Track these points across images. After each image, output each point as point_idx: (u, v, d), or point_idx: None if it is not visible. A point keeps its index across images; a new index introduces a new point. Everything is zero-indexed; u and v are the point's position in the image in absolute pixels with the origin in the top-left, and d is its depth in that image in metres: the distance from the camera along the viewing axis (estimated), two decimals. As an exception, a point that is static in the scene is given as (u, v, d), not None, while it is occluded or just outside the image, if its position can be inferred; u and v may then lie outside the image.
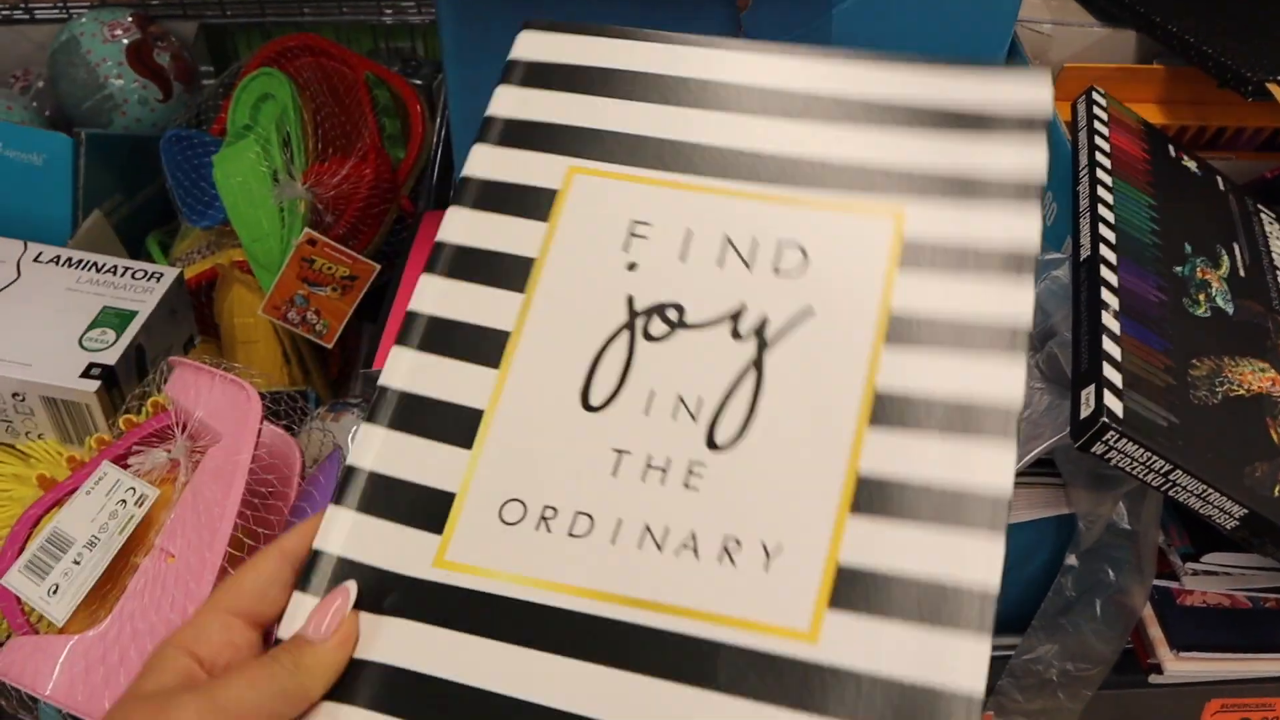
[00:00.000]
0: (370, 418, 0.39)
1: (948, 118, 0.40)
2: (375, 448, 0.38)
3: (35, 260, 0.83)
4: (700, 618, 0.33)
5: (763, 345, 0.37)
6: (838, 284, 0.38)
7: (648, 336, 0.38)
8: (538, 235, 0.41)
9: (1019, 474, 0.56)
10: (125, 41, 1.10)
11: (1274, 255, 0.65)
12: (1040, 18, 0.78)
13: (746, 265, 0.39)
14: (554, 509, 0.36)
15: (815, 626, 0.32)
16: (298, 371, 0.98)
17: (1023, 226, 0.37)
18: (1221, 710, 0.64)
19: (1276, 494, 0.49)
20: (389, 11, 1.26)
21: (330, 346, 0.91)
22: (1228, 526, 0.49)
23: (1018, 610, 0.61)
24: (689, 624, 0.33)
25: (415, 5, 1.27)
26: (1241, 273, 0.61)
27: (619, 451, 0.37)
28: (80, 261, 0.83)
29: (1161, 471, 0.48)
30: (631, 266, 0.40)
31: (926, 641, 0.32)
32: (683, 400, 0.37)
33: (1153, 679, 0.58)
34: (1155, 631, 0.57)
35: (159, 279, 0.83)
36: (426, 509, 0.37)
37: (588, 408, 0.38)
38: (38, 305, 0.79)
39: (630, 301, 0.39)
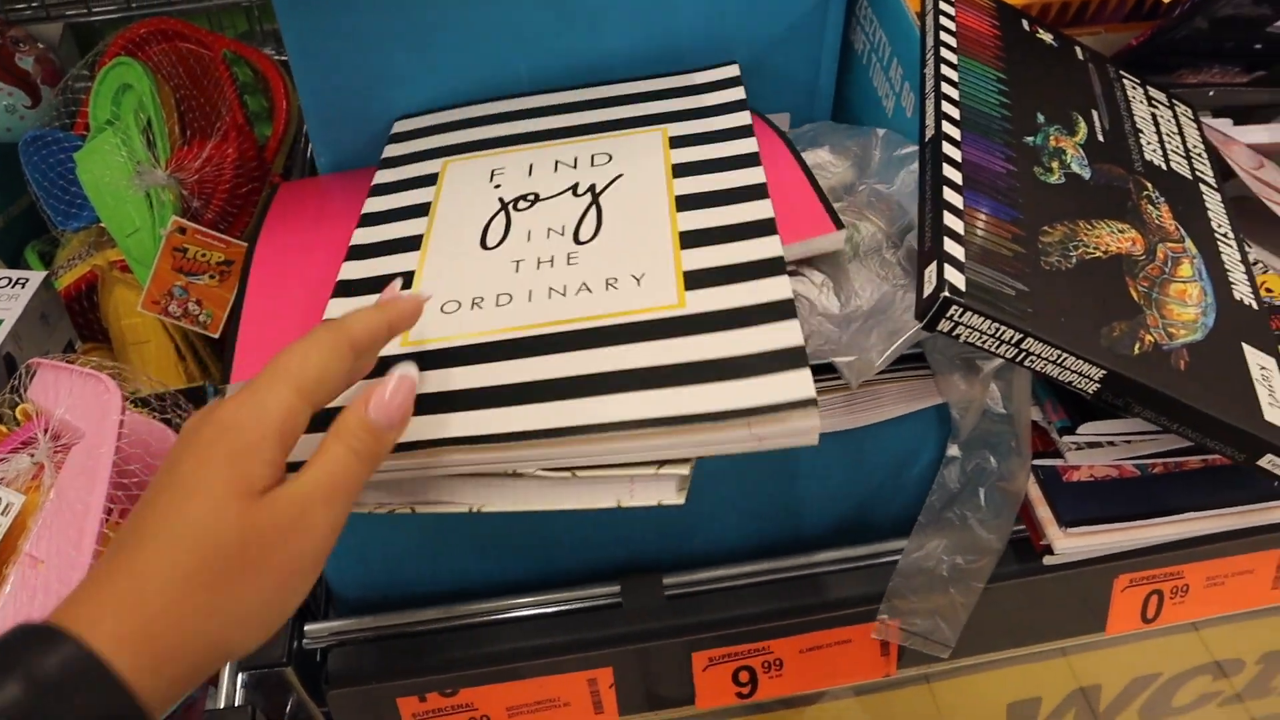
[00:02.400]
0: (334, 295, 0.56)
1: (673, 90, 0.68)
2: (341, 307, 0.55)
3: (-113, 276, 0.80)
4: (606, 317, 0.50)
5: (595, 195, 0.59)
6: (638, 161, 0.61)
7: (516, 209, 0.59)
8: (430, 193, 0.63)
9: (889, 370, 0.54)
10: (-19, 49, 1.06)
11: (1136, 119, 0.63)
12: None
13: (573, 167, 0.62)
14: (480, 297, 0.53)
15: (681, 299, 0.51)
16: (194, 367, 0.95)
17: (741, 134, 0.62)
18: (1130, 585, 0.63)
19: (1136, 352, 0.48)
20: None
21: (217, 335, 0.88)
22: (1089, 391, 0.48)
23: (909, 515, 0.59)
24: (599, 322, 0.50)
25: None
26: (1101, 138, 0.59)
27: (516, 261, 0.55)
28: (-67, 273, 0.80)
29: (1013, 341, 0.46)
30: (497, 186, 0.62)
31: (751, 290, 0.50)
32: (550, 230, 0.57)
33: (1046, 560, 0.57)
34: (1043, 511, 0.55)
35: (24, 285, 0.80)
36: None
37: (485, 248, 0.57)
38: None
39: (500, 199, 0.60)
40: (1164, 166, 0.61)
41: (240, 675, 0.58)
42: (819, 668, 0.62)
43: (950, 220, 0.48)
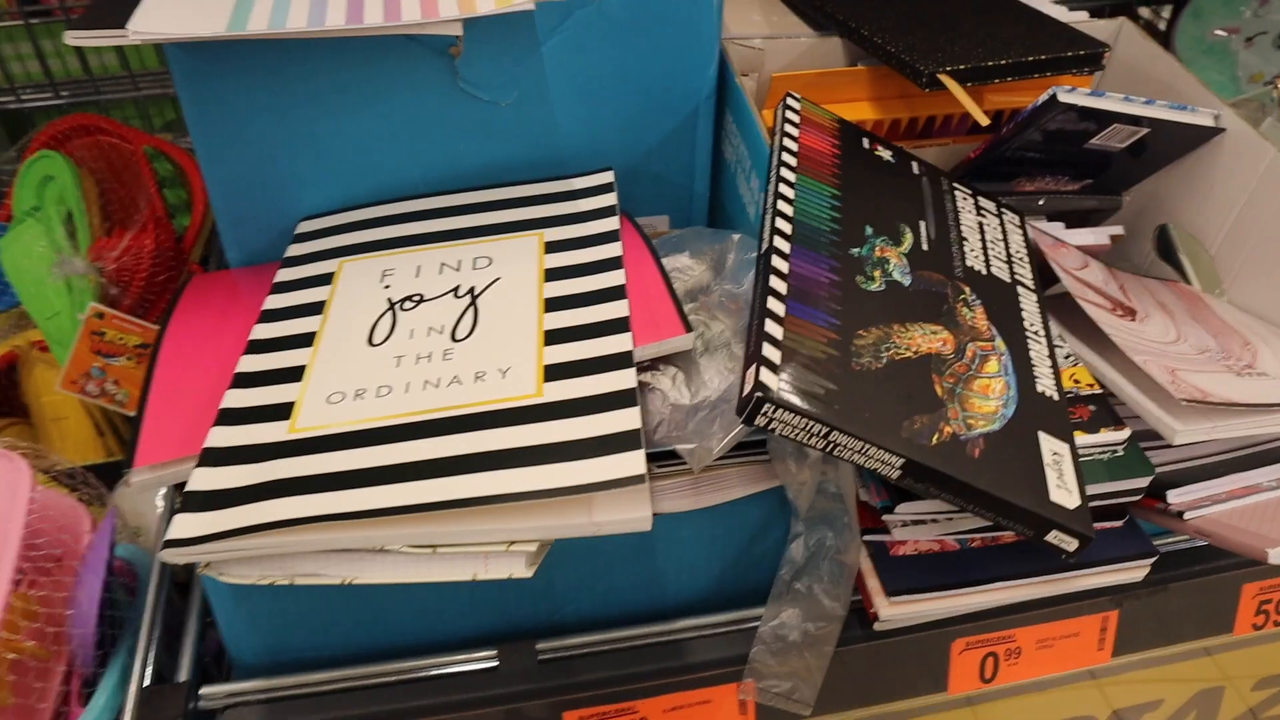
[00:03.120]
0: (231, 386, 0.62)
1: (552, 195, 0.76)
2: (238, 398, 0.61)
3: None
4: (470, 406, 0.57)
5: (474, 296, 0.66)
6: (514, 265, 0.69)
7: (403, 309, 0.66)
8: (326, 291, 0.69)
9: (732, 454, 0.61)
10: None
11: (963, 228, 0.71)
12: (752, 32, 0.84)
13: (456, 270, 0.69)
14: (362, 389, 0.60)
15: (539, 389, 0.58)
16: (113, 442, 0.99)
17: (608, 239, 0.70)
18: (967, 649, 0.70)
19: (934, 442, 0.55)
20: (143, 86, 1.28)
21: (134, 414, 0.93)
22: (893, 476, 0.54)
23: (765, 584, 0.65)
24: (464, 410, 0.57)
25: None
26: (925, 246, 0.67)
27: (398, 357, 0.62)
28: None
29: (821, 434, 0.53)
30: (387, 286, 0.69)
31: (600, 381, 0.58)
32: (431, 329, 0.64)
33: (876, 627, 0.63)
34: (873, 582, 0.62)
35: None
36: (276, 414, 0.60)
37: (371, 345, 0.64)
38: None
39: (389, 299, 0.67)
40: (984, 271, 0.69)
41: (140, 732, 0.62)
42: (680, 728, 0.67)
43: (771, 327, 0.55)
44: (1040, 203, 0.83)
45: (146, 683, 0.64)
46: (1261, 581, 0.74)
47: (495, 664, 0.66)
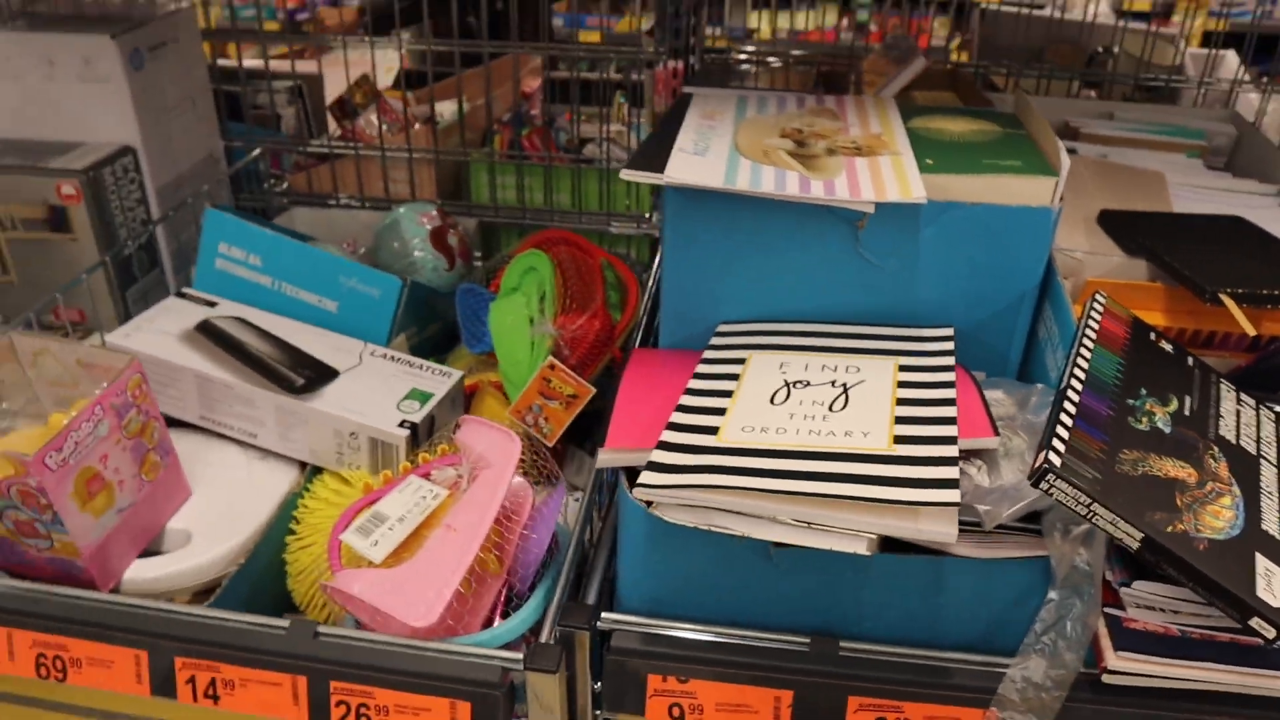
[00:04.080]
0: (675, 410, 0.94)
1: (908, 337, 1.06)
2: (678, 418, 0.93)
3: (371, 354, 1.23)
4: (841, 447, 0.85)
5: (846, 388, 0.94)
6: (876, 374, 0.98)
7: (795, 387, 0.95)
8: (740, 368, 1.01)
9: (1011, 525, 0.85)
10: (429, 227, 1.54)
11: (1221, 408, 0.92)
12: (1075, 246, 1.10)
13: (834, 370, 0.99)
14: (766, 427, 0.89)
15: (890, 446, 0.84)
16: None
17: (946, 370, 0.98)
18: (1176, 735, 0.87)
19: (1169, 530, 0.77)
20: (614, 225, 1.69)
21: (552, 445, 1.27)
22: (1133, 548, 0.76)
23: (1021, 640, 0.87)
24: (837, 449, 0.85)
25: (634, 221, 1.70)
26: (1187, 412, 0.89)
27: (790, 414, 0.91)
28: (399, 358, 1.22)
29: (1085, 504, 0.76)
30: (784, 371, 0.99)
31: (933, 449, 0.84)
32: (815, 401, 0.93)
33: (1104, 679, 0.83)
34: (1105, 641, 0.82)
35: (450, 376, 1.21)
36: (707, 431, 0.89)
37: (772, 404, 0.92)
38: (372, 381, 1.18)
39: (785, 380, 0.97)
40: (1235, 441, 0.90)
41: (557, 628, 0.91)
42: (935, 732, 0.89)
43: (1060, 430, 0.79)
44: (1298, 412, 1.02)
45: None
46: None
47: (806, 649, 0.91)
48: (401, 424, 1.12)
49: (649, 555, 0.92)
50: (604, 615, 0.93)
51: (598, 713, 0.95)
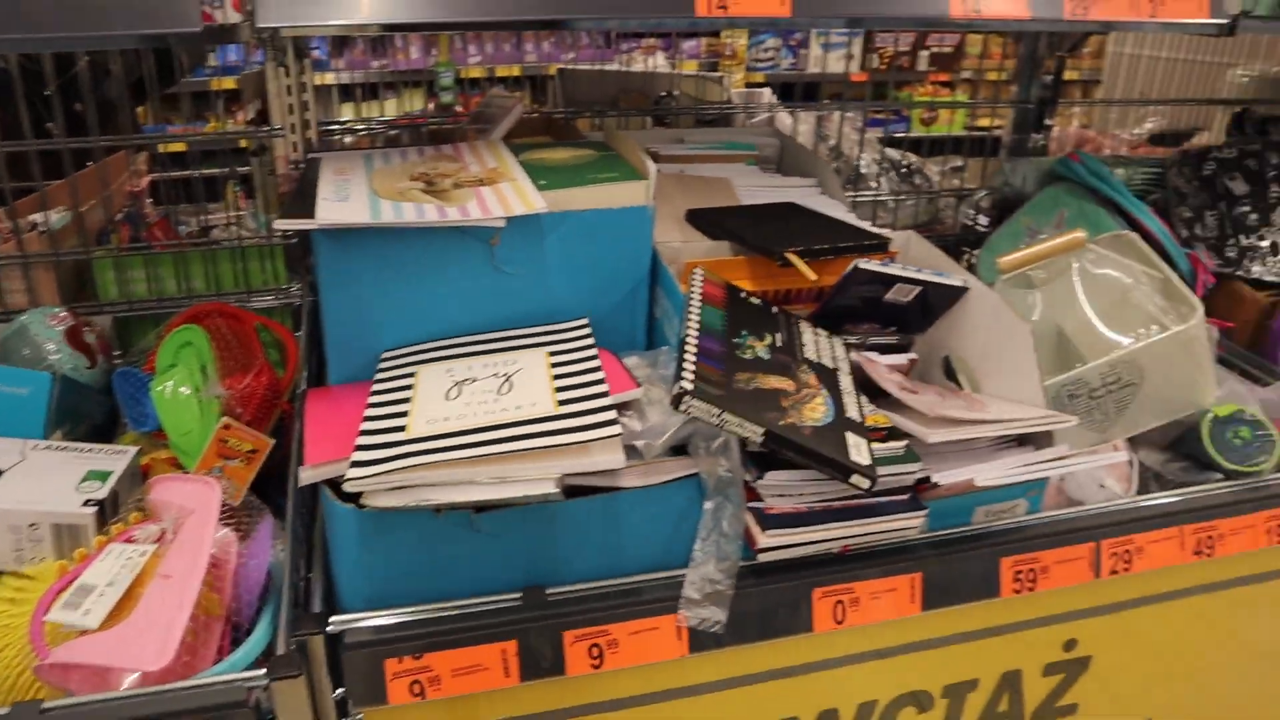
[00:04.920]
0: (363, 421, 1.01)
1: (552, 331, 1.20)
2: (368, 425, 1.01)
3: (34, 449, 1.21)
4: (517, 415, 1.00)
5: (509, 377, 1.06)
6: (531, 362, 1.18)
7: (464, 385, 1.08)
8: (412, 379, 1.12)
9: (666, 455, 1.02)
10: (61, 328, 1.52)
11: (803, 340, 1.17)
12: (672, 239, 1.33)
13: (496, 367, 1.13)
14: (448, 416, 1.01)
15: (556, 408, 1.01)
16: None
17: (588, 349, 1.14)
18: (824, 596, 1.08)
19: (781, 424, 0.97)
20: (254, 301, 1.74)
21: (237, 504, 1.30)
22: (758, 442, 0.96)
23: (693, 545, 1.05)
24: (514, 416, 0.96)
25: (273, 294, 1.75)
26: (779, 345, 1.12)
27: (466, 404, 1.04)
28: (66, 447, 1.22)
29: (716, 415, 0.95)
30: (451, 374, 1.11)
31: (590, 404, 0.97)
32: (485, 392, 1.07)
33: (759, 557, 1.02)
34: (754, 525, 1.02)
35: (125, 453, 1.22)
36: (396, 430, 0.97)
37: (448, 400, 1.05)
38: (42, 473, 1.17)
39: (454, 380, 1.10)
40: (816, 360, 1.13)
41: (292, 640, 0.97)
42: (639, 646, 1.04)
43: (686, 365, 0.98)
44: (857, 340, 1.29)
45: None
46: (1015, 556, 1.15)
47: (519, 602, 1.03)
48: (86, 503, 1.12)
49: (363, 554, 1.00)
50: (332, 618, 1.00)
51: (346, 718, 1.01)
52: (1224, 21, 1.35)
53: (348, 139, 2.05)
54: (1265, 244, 1.77)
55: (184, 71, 2.26)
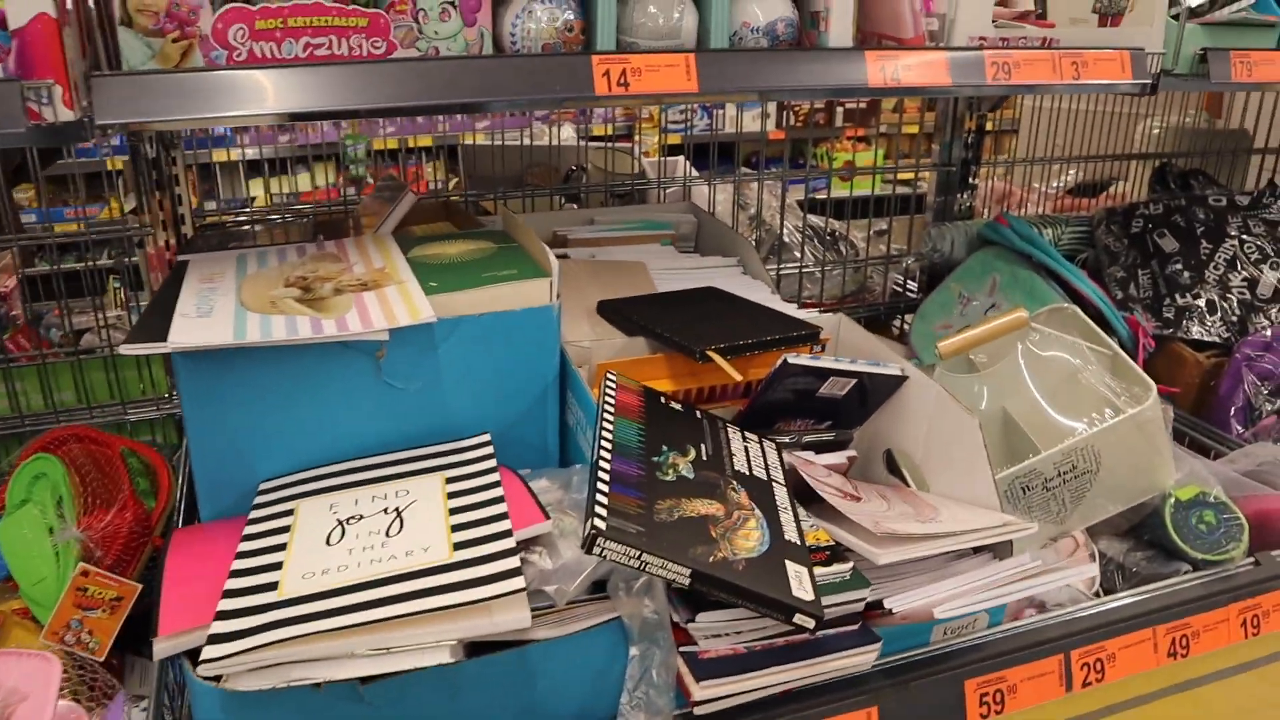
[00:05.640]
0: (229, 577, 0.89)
1: (448, 452, 1.07)
2: (233, 583, 0.89)
3: None
4: (405, 567, 0.87)
5: (399, 512, 0.96)
6: (425, 491, 0.99)
7: (349, 524, 0.95)
8: (290, 519, 0.98)
9: (583, 598, 0.89)
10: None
11: (732, 449, 1.05)
12: (582, 337, 1.21)
13: (384, 499, 1.00)
14: (327, 568, 0.87)
15: (451, 555, 0.87)
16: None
17: (490, 472, 1.02)
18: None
19: (711, 560, 0.85)
20: (131, 414, 1.58)
21: (104, 659, 1.14)
22: (685, 584, 0.84)
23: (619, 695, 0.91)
24: (402, 569, 0.87)
25: (154, 405, 1.60)
26: (704, 458, 1.00)
27: (349, 549, 0.90)
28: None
29: (635, 556, 0.82)
30: (334, 511, 0.97)
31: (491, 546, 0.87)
32: (371, 532, 0.93)
33: (695, 710, 0.89)
34: (688, 676, 0.89)
35: (-42, 619, 1.05)
36: (267, 589, 0.86)
37: (329, 545, 0.91)
38: None
39: (338, 519, 0.96)
40: (748, 473, 1.02)
41: None
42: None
43: (599, 498, 0.86)
44: (791, 439, 1.18)
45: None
46: (980, 677, 1.03)
47: (421, 781, 0.88)
48: (-97, 688, 0.96)
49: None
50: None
51: None
52: (1146, 81, 1.30)
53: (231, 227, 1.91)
54: (1201, 302, 1.71)
55: (68, 151, 2.10)
